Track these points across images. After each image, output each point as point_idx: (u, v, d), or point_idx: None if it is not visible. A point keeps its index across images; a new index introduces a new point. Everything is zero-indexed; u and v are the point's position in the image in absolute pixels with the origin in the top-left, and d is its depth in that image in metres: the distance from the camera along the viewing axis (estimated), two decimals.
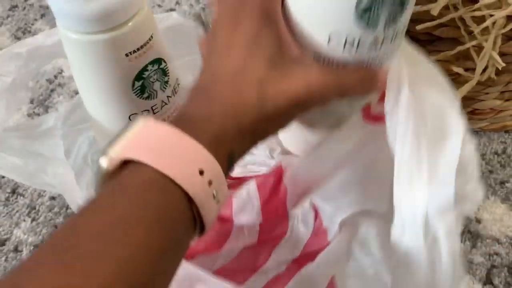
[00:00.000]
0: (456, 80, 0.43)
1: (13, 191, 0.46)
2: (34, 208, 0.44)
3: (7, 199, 0.45)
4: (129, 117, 0.34)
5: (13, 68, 0.35)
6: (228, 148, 0.23)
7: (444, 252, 0.25)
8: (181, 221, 0.21)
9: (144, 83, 0.32)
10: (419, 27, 0.39)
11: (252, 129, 0.24)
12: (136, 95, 0.33)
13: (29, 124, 0.40)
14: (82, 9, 0.27)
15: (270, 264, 0.36)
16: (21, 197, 0.45)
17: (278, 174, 0.35)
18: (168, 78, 0.34)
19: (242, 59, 0.24)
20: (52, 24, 0.61)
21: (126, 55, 0.30)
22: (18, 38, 0.60)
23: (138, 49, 0.31)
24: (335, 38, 0.24)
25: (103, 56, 0.30)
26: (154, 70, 0.33)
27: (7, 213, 0.44)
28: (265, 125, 0.24)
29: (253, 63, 0.24)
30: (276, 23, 0.25)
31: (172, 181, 0.20)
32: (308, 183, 0.35)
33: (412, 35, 0.41)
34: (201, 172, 0.21)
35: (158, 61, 0.33)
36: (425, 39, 0.41)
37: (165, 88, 0.34)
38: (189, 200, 0.21)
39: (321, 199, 0.35)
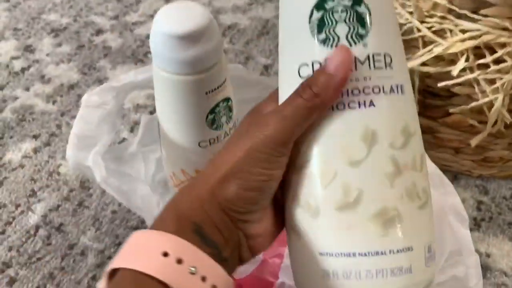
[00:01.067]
0: (470, 131, 0.49)
1: (80, 204, 0.52)
2: (98, 219, 0.51)
3: (74, 210, 0.52)
4: (199, 144, 0.41)
5: (110, 98, 0.42)
6: (190, 223, 0.24)
7: None
8: None
9: (215, 116, 0.40)
10: (440, 84, 0.46)
11: (207, 198, 0.25)
12: (207, 125, 0.40)
13: (120, 147, 0.47)
14: (180, 55, 0.35)
15: None
16: (87, 209, 0.52)
17: None
18: (232, 114, 0.42)
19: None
20: (114, 63, 0.70)
21: (206, 93, 0.38)
22: (85, 73, 0.68)
23: (215, 89, 0.38)
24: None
25: (189, 93, 0.37)
26: (224, 106, 0.40)
27: (74, 222, 0.51)
28: (224, 186, 0.25)
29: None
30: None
31: (142, 273, 0.23)
32: None
33: (434, 92, 0.49)
34: (166, 254, 0.23)
35: (228, 99, 0.40)
36: (445, 94, 0.48)
37: (229, 122, 0.42)
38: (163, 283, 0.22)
39: None
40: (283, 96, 0.27)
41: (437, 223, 0.30)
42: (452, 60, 0.45)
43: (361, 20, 0.25)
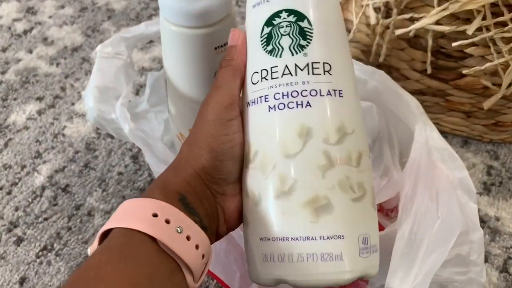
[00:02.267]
0: (484, 94, 0.48)
1: (86, 165, 0.52)
2: (104, 181, 0.50)
3: (80, 171, 0.51)
4: None
5: (124, 49, 0.41)
6: (175, 193, 0.27)
7: None
8: (147, 263, 0.24)
9: None
10: (454, 44, 0.45)
11: (185, 165, 0.28)
12: None
13: (130, 105, 0.46)
14: (188, 6, 0.34)
15: None
16: (93, 171, 0.51)
17: None
18: None
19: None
20: (118, 26, 0.68)
21: (215, 48, 0.37)
22: (88, 36, 0.67)
23: (224, 44, 0.37)
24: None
25: (197, 48, 0.36)
26: None
27: (81, 183, 0.50)
28: (195, 150, 0.29)
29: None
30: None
31: (135, 230, 0.25)
32: None
33: (447, 52, 0.47)
34: (155, 215, 0.25)
35: None
36: (458, 56, 0.47)
37: None
38: (154, 240, 0.25)
39: None
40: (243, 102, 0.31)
41: (446, 200, 0.32)
42: (468, 19, 0.44)
43: (302, 34, 0.29)
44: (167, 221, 0.25)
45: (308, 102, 0.28)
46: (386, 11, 0.49)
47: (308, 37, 0.28)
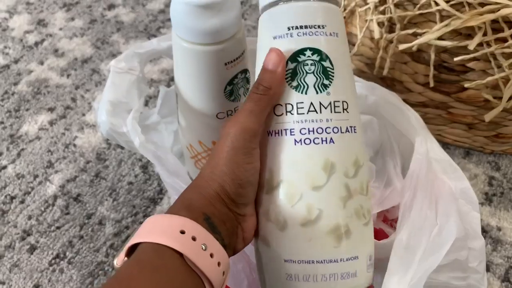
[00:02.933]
0: (485, 106, 0.50)
1: (97, 175, 0.53)
2: (115, 190, 0.52)
3: (91, 181, 0.53)
4: (217, 115, 0.41)
5: (136, 64, 0.43)
6: (200, 212, 0.28)
7: None
8: (175, 277, 0.26)
9: (233, 87, 0.40)
10: (456, 59, 0.46)
11: (209, 185, 0.29)
12: (226, 97, 0.40)
13: (141, 117, 0.48)
14: (201, 25, 0.35)
15: None
16: (104, 181, 0.53)
17: None
18: (249, 86, 0.42)
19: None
20: (127, 38, 0.70)
21: (225, 64, 0.38)
22: (98, 48, 0.68)
23: (234, 60, 0.38)
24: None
25: (208, 63, 0.38)
26: (241, 78, 0.40)
27: (92, 192, 0.52)
28: (218, 172, 0.30)
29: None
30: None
31: (164, 246, 0.26)
32: None
33: (449, 66, 0.49)
34: (182, 232, 0.26)
35: (245, 71, 0.41)
36: (460, 70, 0.49)
37: (246, 93, 0.42)
38: (181, 256, 0.26)
39: None
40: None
41: (444, 208, 0.34)
42: (469, 34, 0.45)
43: (325, 73, 0.31)
44: (193, 238, 0.27)
45: (331, 138, 0.30)
46: (389, 25, 0.50)
47: (330, 76, 0.31)
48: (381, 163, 0.45)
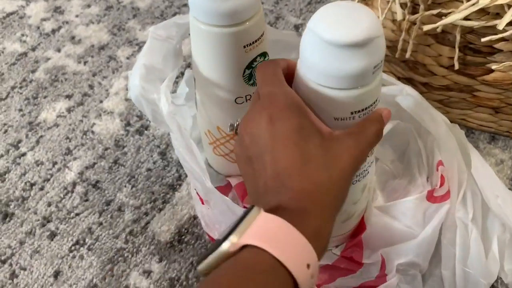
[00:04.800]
0: None
1: (115, 162, 0.53)
2: (134, 177, 0.52)
3: (110, 168, 0.53)
4: (235, 100, 0.41)
5: (175, 34, 0.42)
6: (325, 242, 0.26)
7: None
8: None
9: (252, 71, 0.39)
10: (483, 40, 0.44)
11: (332, 216, 0.27)
12: (244, 81, 0.39)
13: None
14: (218, 6, 0.34)
15: (332, 285, 0.41)
16: (122, 167, 0.52)
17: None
18: None
19: (298, 152, 0.27)
20: (143, 24, 0.69)
21: (244, 46, 0.37)
22: (114, 34, 0.68)
23: (253, 43, 0.37)
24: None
25: (226, 46, 0.37)
26: (261, 61, 0.39)
27: (110, 179, 0.52)
28: (339, 203, 0.28)
29: (310, 152, 0.27)
30: (305, 112, 0.29)
31: (285, 268, 0.23)
32: (381, 241, 0.40)
33: (475, 48, 0.47)
34: (308, 266, 0.24)
35: (264, 54, 0.40)
36: (487, 51, 0.47)
37: None
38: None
39: (389, 251, 0.40)
40: None
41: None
42: (497, 13, 0.43)
43: None
44: (312, 276, 0.25)
45: (368, 171, 0.37)
46: (412, 6, 0.48)
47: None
48: (406, 161, 0.46)
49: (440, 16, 0.46)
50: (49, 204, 0.50)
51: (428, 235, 0.38)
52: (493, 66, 0.46)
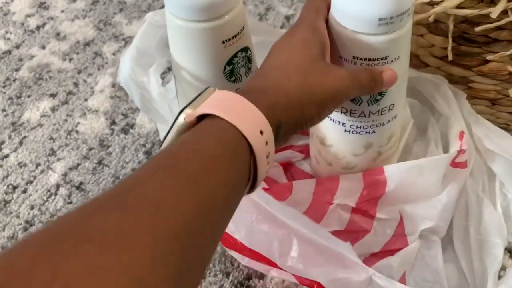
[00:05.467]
0: (509, 80, 0.46)
1: (99, 162, 0.52)
2: (118, 178, 0.50)
3: (94, 168, 0.51)
4: None
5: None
6: (276, 119, 0.27)
7: None
8: (244, 171, 0.25)
9: (233, 67, 0.37)
10: (477, 29, 0.42)
11: (296, 107, 0.28)
12: (225, 78, 0.38)
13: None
14: (192, 0, 0.33)
15: None
16: (107, 168, 0.51)
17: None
18: (251, 65, 0.39)
19: (293, 54, 0.30)
20: (130, 18, 0.67)
21: (223, 42, 0.35)
22: (100, 30, 0.66)
23: (232, 37, 0.36)
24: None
25: (204, 42, 0.35)
26: (242, 57, 0.38)
27: (95, 180, 0.50)
28: (306, 108, 0.29)
29: (301, 57, 0.30)
30: (321, 35, 0.32)
31: (240, 133, 0.25)
32: (400, 197, 0.40)
33: (470, 37, 0.45)
34: (261, 132, 0.26)
35: (246, 49, 0.38)
36: (482, 41, 0.45)
37: (248, 74, 0.39)
38: (251, 154, 0.25)
39: (410, 211, 0.41)
40: None
41: None
42: (492, 1, 0.41)
43: (379, 92, 0.35)
44: (266, 143, 0.26)
45: (373, 130, 0.38)
46: None
47: (383, 93, 0.35)
48: (425, 140, 0.47)
49: (432, 4, 0.44)
50: (32, 207, 0.48)
51: (450, 199, 0.39)
52: (488, 57, 0.44)
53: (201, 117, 0.26)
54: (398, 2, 0.30)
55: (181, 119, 0.26)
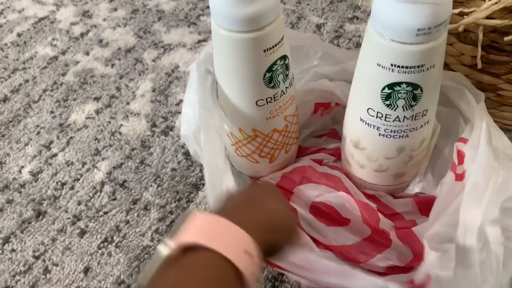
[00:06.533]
0: None
1: (142, 162, 0.55)
2: (159, 177, 0.53)
3: (137, 168, 0.54)
4: (256, 102, 0.41)
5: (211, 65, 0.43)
6: (260, 236, 0.28)
7: (492, 254, 0.32)
8: None
9: (272, 74, 0.40)
10: (506, 38, 0.44)
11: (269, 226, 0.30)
12: (265, 84, 0.40)
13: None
14: (239, 12, 0.35)
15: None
16: (148, 167, 0.54)
17: None
18: (289, 72, 0.42)
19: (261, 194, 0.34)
20: (168, 26, 0.71)
21: (264, 51, 0.38)
22: (140, 37, 0.70)
23: (273, 47, 0.38)
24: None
25: (247, 51, 0.38)
26: (281, 65, 0.40)
27: (137, 179, 0.53)
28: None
29: (266, 202, 0.33)
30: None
31: (225, 258, 0.25)
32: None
33: (499, 46, 0.47)
34: (246, 252, 0.26)
35: (284, 57, 0.40)
36: (511, 49, 0.46)
37: (286, 80, 0.42)
38: (238, 274, 0.25)
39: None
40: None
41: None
42: None
43: (414, 97, 0.37)
44: (252, 262, 0.27)
45: (407, 134, 0.40)
46: None
47: (418, 99, 0.37)
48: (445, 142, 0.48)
49: (462, 15, 0.46)
50: (79, 203, 0.52)
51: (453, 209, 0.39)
52: None
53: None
54: (436, 13, 0.32)
55: (163, 251, 0.26)
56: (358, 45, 0.64)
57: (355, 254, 0.43)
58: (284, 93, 0.42)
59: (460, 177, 0.41)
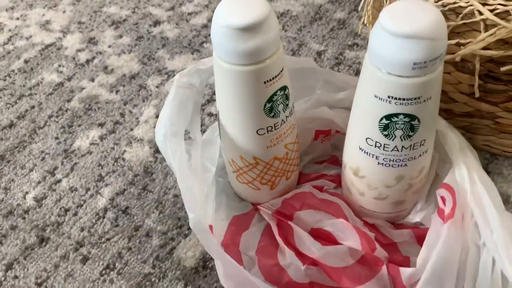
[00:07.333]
0: None
1: (144, 188, 0.55)
2: (161, 203, 0.54)
3: (139, 194, 0.55)
4: (257, 131, 0.42)
5: (196, 80, 0.45)
6: None
7: None
8: None
9: (272, 104, 0.41)
10: (503, 69, 0.45)
11: None
12: (265, 113, 0.41)
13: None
14: (240, 47, 0.36)
15: None
16: (150, 193, 0.55)
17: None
18: (289, 102, 0.43)
19: None
20: (172, 53, 0.72)
21: (264, 82, 0.39)
22: (144, 64, 0.71)
23: (273, 78, 0.39)
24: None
25: (247, 83, 0.39)
26: (281, 95, 0.41)
27: (139, 205, 0.54)
28: None
29: None
30: None
31: None
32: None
33: (496, 76, 0.47)
34: None
35: (284, 88, 0.41)
36: (508, 79, 0.47)
37: (286, 110, 0.43)
38: None
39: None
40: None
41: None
42: None
43: (412, 128, 0.38)
44: None
45: (405, 164, 0.41)
46: None
47: (415, 129, 0.38)
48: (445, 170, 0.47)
49: (459, 45, 0.47)
50: (82, 229, 0.52)
51: (436, 258, 0.39)
52: None
53: None
54: (431, 48, 0.33)
55: None
56: (358, 72, 0.66)
57: (342, 276, 0.43)
58: (284, 122, 0.43)
59: (447, 218, 0.41)
